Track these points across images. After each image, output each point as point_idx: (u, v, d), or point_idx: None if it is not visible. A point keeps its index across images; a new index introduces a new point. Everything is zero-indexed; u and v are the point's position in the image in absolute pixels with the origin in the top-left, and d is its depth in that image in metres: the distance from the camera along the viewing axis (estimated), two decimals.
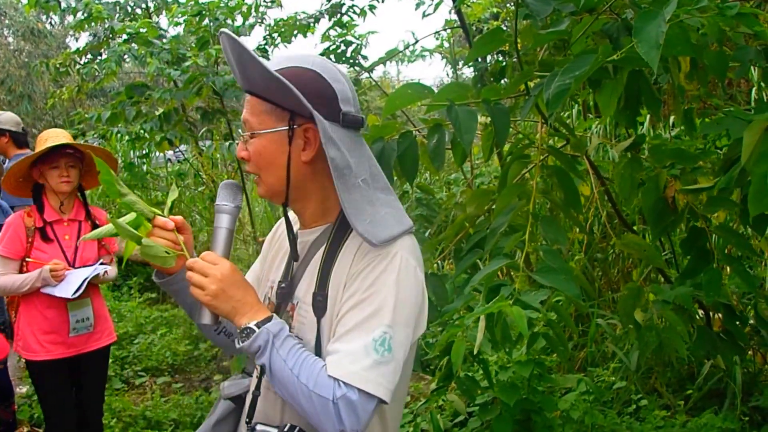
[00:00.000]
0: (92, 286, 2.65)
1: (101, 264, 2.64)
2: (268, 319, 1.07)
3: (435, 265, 2.22)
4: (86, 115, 4.56)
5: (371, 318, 1.05)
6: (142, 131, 4.41)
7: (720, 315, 1.95)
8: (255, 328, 1.06)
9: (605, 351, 2.94)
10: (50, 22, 15.05)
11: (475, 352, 1.59)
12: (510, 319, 1.52)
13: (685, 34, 1.43)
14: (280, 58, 1.17)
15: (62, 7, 4.49)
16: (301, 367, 1.03)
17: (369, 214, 1.09)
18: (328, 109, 1.10)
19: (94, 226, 2.68)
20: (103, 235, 1.17)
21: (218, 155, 4.45)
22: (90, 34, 4.86)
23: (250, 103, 1.15)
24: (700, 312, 2.07)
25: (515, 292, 1.54)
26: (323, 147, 1.08)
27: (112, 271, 2.76)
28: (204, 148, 4.83)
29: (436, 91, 1.79)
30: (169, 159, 6.73)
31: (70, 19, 4.58)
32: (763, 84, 2.75)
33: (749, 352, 2.20)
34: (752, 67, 2.29)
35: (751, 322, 2.11)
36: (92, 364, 2.73)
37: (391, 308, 1.05)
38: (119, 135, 4.55)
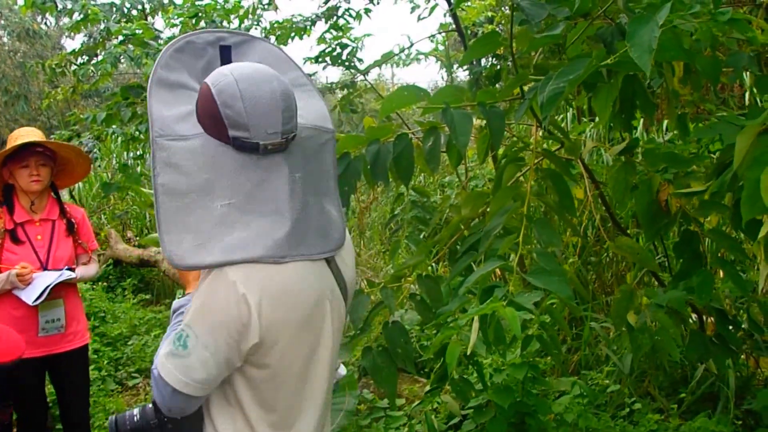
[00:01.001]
0: (69, 286, 2.62)
1: (68, 269, 2.59)
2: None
3: (430, 267, 2.23)
4: (81, 116, 4.55)
5: (185, 317, 1.17)
6: (137, 132, 4.39)
7: (713, 319, 1.96)
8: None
9: (599, 354, 2.95)
10: (45, 23, 15.02)
11: (468, 353, 1.60)
12: (504, 321, 1.52)
13: (678, 39, 1.45)
14: (215, 72, 1.18)
15: (58, 9, 4.47)
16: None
17: (203, 237, 1.11)
18: (218, 130, 1.13)
19: (69, 225, 2.65)
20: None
21: None
22: (85, 35, 4.84)
23: None
24: (694, 316, 2.08)
25: (509, 294, 1.54)
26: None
27: (91, 269, 2.73)
28: None
29: (431, 93, 1.80)
30: None
31: (65, 19, 4.57)
32: (755, 89, 2.77)
33: (742, 356, 2.21)
34: (745, 72, 2.31)
35: (744, 326, 2.12)
36: (71, 366, 2.69)
37: (193, 311, 1.14)
38: (114, 135, 4.54)
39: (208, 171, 1.13)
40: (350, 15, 4.16)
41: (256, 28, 4.66)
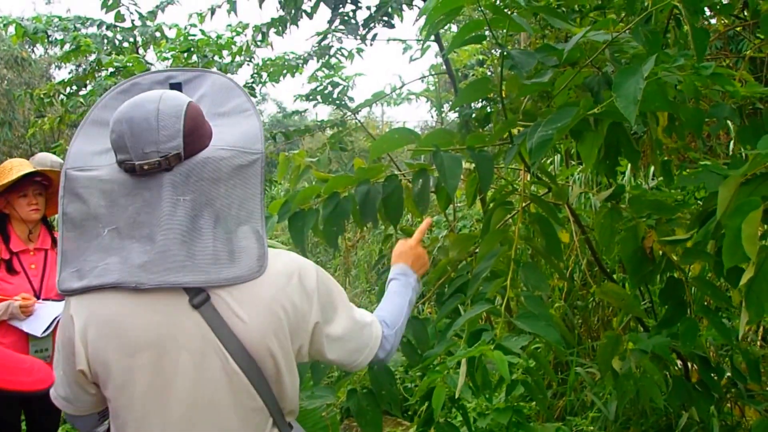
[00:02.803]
0: None
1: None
2: None
3: (417, 308, 2.22)
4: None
5: None
6: None
7: (696, 366, 1.96)
8: None
9: (584, 400, 2.93)
10: (32, 50, 15.07)
11: (456, 396, 1.58)
12: (491, 365, 1.52)
13: (663, 91, 1.48)
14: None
15: (49, 39, 4.51)
16: None
17: (85, 264, 1.12)
18: (117, 157, 1.15)
19: None
20: None
21: None
22: (74, 65, 4.87)
23: None
24: (679, 363, 2.08)
25: (496, 338, 1.54)
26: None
27: None
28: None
29: (422, 135, 1.82)
30: None
31: (55, 48, 4.61)
32: (737, 140, 2.83)
33: (727, 405, 2.21)
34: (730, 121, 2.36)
35: (728, 373, 2.13)
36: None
37: None
38: None
39: (105, 198, 1.14)
40: (342, 54, 4.22)
41: (248, 65, 4.72)
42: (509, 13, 1.58)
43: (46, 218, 2.71)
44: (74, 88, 4.70)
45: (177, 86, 1.28)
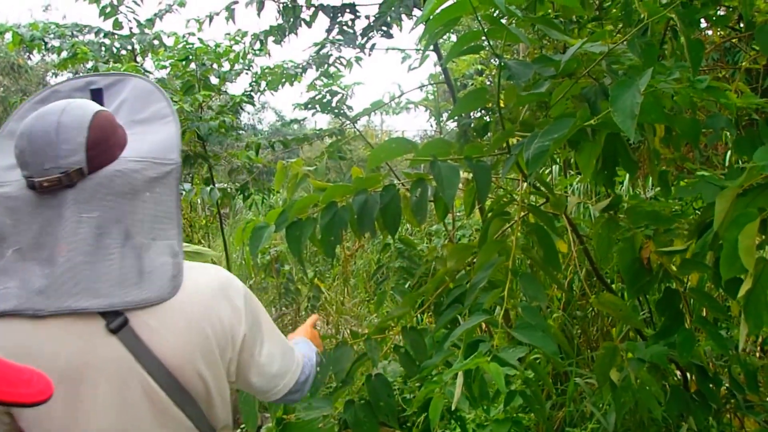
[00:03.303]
0: None
1: None
2: None
3: (415, 318, 2.22)
4: None
5: None
6: None
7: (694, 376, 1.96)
8: None
9: (584, 411, 2.92)
10: (29, 57, 15.09)
11: (453, 408, 1.58)
12: (489, 376, 1.51)
13: (659, 103, 1.49)
14: None
15: (47, 47, 4.51)
16: None
17: None
18: (22, 173, 1.08)
19: None
20: None
21: (198, 199, 4.44)
22: (71, 72, 4.87)
23: None
24: (678, 373, 2.08)
25: (493, 349, 1.54)
26: None
27: None
28: (183, 191, 4.82)
29: (419, 145, 1.82)
30: None
31: (52, 56, 4.61)
32: (734, 151, 2.84)
33: (727, 416, 2.20)
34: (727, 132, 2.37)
35: (726, 384, 2.12)
36: None
37: None
38: None
39: (11, 216, 1.06)
40: (341, 63, 4.23)
41: (246, 73, 4.73)
42: (507, 23, 1.59)
43: None
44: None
45: (98, 92, 1.22)
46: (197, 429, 1.15)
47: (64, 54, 4.51)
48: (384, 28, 3.56)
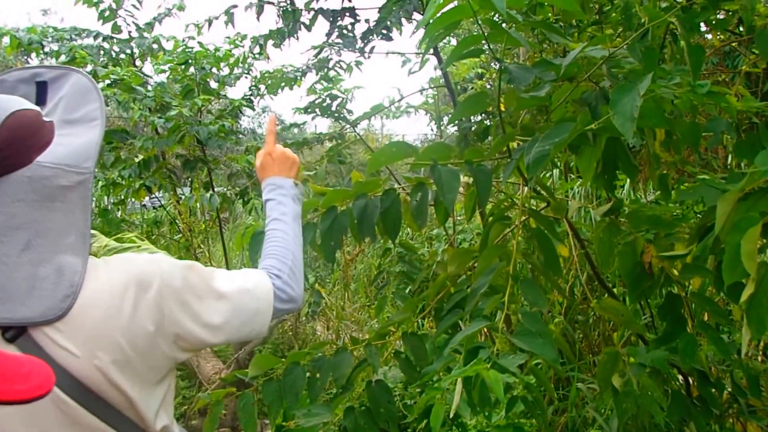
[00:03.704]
0: None
1: None
2: None
3: (416, 323, 2.21)
4: None
5: None
6: (119, 178, 4.38)
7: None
8: None
9: (586, 416, 2.91)
10: (27, 61, 15.08)
11: (451, 415, 1.57)
12: (489, 382, 1.50)
13: (659, 107, 1.48)
14: None
15: (45, 50, 4.51)
16: None
17: None
18: None
19: None
20: None
21: (197, 204, 4.43)
22: None
23: None
24: (680, 377, 2.07)
25: (493, 355, 1.53)
26: None
27: None
28: (183, 196, 4.82)
29: (420, 149, 1.82)
30: (144, 205, 6.63)
31: (51, 60, 4.60)
32: (734, 154, 2.83)
33: (729, 420, 2.19)
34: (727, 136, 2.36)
35: (729, 389, 2.11)
36: None
37: None
38: (95, 180, 4.51)
39: None
40: (341, 67, 4.23)
41: (246, 77, 4.73)
42: (507, 27, 1.58)
43: None
44: None
45: (43, 85, 1.15)
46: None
47: (62, 58, 4.51)
48: (384, 32, 3.56)
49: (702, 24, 2.03)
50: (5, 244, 0.98)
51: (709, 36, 2.60)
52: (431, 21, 1.49)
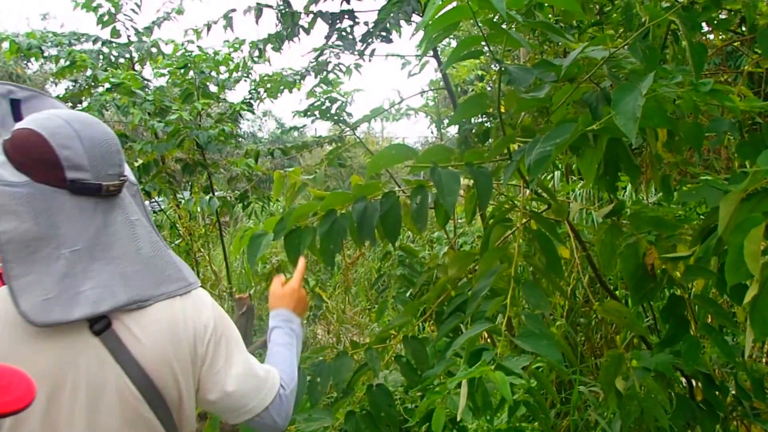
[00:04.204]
0: None
1: None
2: None
3: (417, 326, 2.19)
4: None
5: None
6: None
7: (701, 384, 1.93)
8: None
9: (588, 419, 2.89)
10: (27, 66, 15.07)
11: (458, 419, 1.55)
12: (491, 385, 1.49)
13: (661, 107, 1.47)
14: (30, 118, 1.13)
15: (44, 55, 4.50)
16: None
17: (53, 291, 1.04)
18: (51, 175, 1.07)
19: None
20: None
21: (197, 208, 4.42)
22: (71, 80, 4.86)
23: None
24: (684, 380, 2.05)
25: (497, 357, 1.51)
26: None
27: None
28: (182, 200, 4.81)
29: (420, 151, 1.80)
30: None
31: (50, 64, 4.59)
32: (737, 154, 2.81)
33: (734, 423, 2.17)
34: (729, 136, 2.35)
35: (733, 391, 2.09)
36: None
37: None
38: None
39: (47, 218, 1.06)
40: (340, 70, 4.23)
41: (245, 81, 4.72)
42: (507, 28, 1.57)
43: None
44: (69, 104, 4.69)
45: (17, 103, 1.22)
46: None
47: (62, 62, 4.50)
48: (383, 34, 3.55)
49: (704, 23, 2.01)
50: (154, 234, 1.19)
51: (711, 36, 2.58)
52: (430, 22, 1.48)
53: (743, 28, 2.21)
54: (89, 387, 1.08)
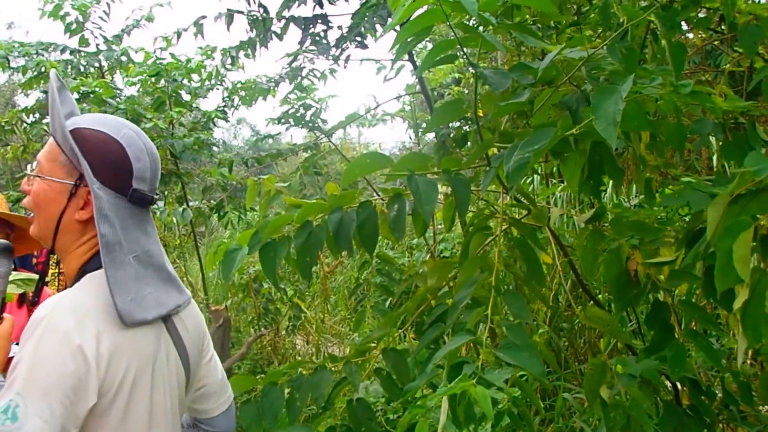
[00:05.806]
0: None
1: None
2: None
3: (397, 336, 2.14)
4: None
5: (7, 386, 1.04)
6: None
7: (687, 389, 1.90)
8: None
9: (573, 427, 2.86)
10: None
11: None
12: (474, 399, 1.44)
13: (642, 110, 1.43)
14: (97, 119, 1.18)
15: (11, 66, 4.39)
16: None
17: (133, 292, 1.14)
18: (119, 182, 1.16)
19: (22, 295, 2.49)
20: None
21: (171, 219, 4.33)
22: (41, 92, 4.75)
23: (50, 146, 1.19)
24: (669, 386, 2.02)
25: (478, 370, 1.46)
26: (95, 221, 1.14)
27: None
28: (157, 210, 4.71)
29: (395, 159, 1.75)
30: None
31: (18, 75, 4.48)
32: (721, 155, 2.80)
33: (720, 426, 2.15)
34: (712, 137, 2.33)
35: (720, 396, 2.06)
36: None
37: (22, 377, 1.02)
38: None
39: (119, 223, 1.15)
40: (315, 76, 4.16)
41: (218, 89, 4.63)
42: (482, 31, 1.52)
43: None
44: (38, 115, 4.55)
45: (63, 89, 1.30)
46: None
47: (29, 73, 4.39)
48: (358, 39, 3.49)
49: (683, 23, 1.99)
50: (141, 265, 1.22)
51: (691, 35, 2.57)
52: (399, 27, 1.43)
53: (723, 27, 2.20)
54: (166, 369, 1.23)
